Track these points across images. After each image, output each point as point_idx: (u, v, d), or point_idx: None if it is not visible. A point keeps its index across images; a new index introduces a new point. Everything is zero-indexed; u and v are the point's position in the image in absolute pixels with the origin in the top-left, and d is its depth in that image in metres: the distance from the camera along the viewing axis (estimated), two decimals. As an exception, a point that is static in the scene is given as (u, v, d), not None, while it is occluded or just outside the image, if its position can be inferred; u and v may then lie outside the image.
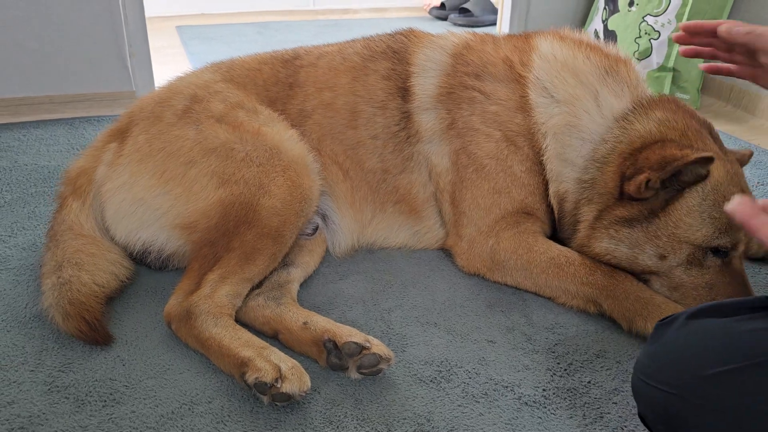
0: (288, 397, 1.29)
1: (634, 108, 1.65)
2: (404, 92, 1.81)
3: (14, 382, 1.38)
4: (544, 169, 1.71)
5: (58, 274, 1.57)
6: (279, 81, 1.90)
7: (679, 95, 3.02)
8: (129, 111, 1.87)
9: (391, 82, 1.83)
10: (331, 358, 1.40)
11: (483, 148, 1.72)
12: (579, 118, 1.66)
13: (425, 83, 1.80)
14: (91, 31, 2.71)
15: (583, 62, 1.70)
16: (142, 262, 1.73)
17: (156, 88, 2.96)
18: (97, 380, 1.39)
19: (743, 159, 1.69)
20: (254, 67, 1.93)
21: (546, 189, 1.72)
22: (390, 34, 1.97)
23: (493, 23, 5.27)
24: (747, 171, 2.25)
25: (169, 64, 3.85)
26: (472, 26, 5.21)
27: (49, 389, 1.36)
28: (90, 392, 1.35)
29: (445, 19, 5.46)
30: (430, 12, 5.64)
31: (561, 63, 1.71)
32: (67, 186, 1.78)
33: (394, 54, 1.87)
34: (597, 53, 1.73)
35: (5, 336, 1.51)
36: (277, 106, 1.86)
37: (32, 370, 1.41)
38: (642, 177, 1.50)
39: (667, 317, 1.13)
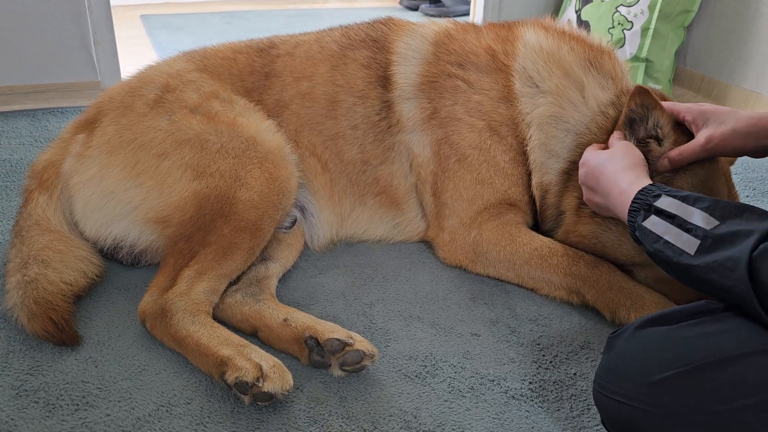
0: (270, 397, 1.25)
1: (618, 99, 1.64)
2: (385, 81, 1.77)
3: (-21, 386, 1.31)
4: (527, 160, 1.68)
5: (24, 272, 1.49)
6: (255, 71, 1.84)
7: (651, 85, 3.03)
8: (98, 101, 1.79)
9: (371, 71, 1.79)
10: (313, 356, 1.36)
11: (466, 138, 1.69)
12: (564, 108, 1.64)
13: (406, 72, 1.76)
14: (54, 17, 2.60)
15: (568, 53, 1.68)
16: (113, 257, 1.66)
17: (123, 79, 2.88)
18: (68, 383, 1.32)
19: (731, 160, 1.68)
20: (229, 56, 1.87)
21: (529, 180, 1.70)
22: (368, 23, 1.92)
23: (465, 13, 5.25)
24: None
25: (134, 54, 3.73)
26: (444, 16, 5.18)
27: (17, 393, 1.29)
28: (61, 396, 1.29)
29: (416, 9, 5.42)
30: (401, 2, 5.60)
31: (547, 53, 1.68)
32: (33, 179, 1.71)
33: (373, 42, 1.83)
34: (581, 44, 1.72)
35: (-32, 338, 1.43)
36: (253, 96, 1.80)
37: (-2, 374, 1.34)
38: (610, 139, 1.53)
39: (617, 329, 1.16)
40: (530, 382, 1.38)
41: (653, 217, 1.17)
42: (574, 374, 1.41)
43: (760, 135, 1.42)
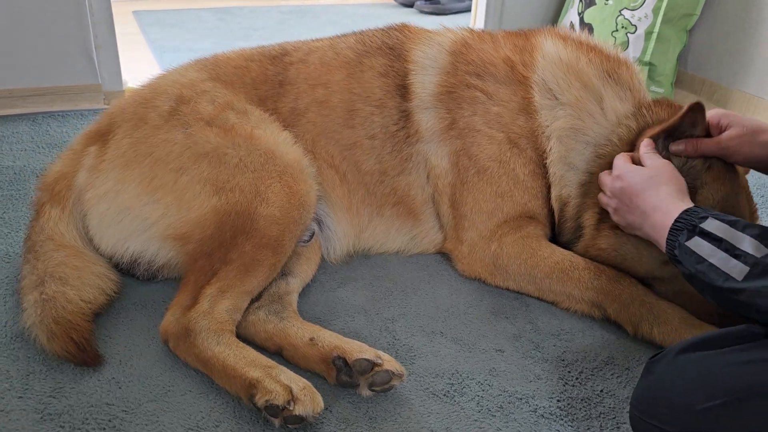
0: (301, 420, 1.24)
1: (636, 111, 1.64)
2: (403, 90, 1.75)
3: (1, 410, 1.28)
4: (546, 173, 1.68)
5: (41, 290, 1.46)
6: (268, 79, 1.82)
7: (653, 89, 3.05)
8: (109, 112, 1.76)
9: (388, 79, 1.77)
10: (342, 376, 1.35)
11: (485, 150, 1.68)
12: (583, 121, 1.64)
13: (424, 81, 1.75)
14: (55, 20, 2.54)
15: (587, 64, 1.68)
16: (129, 273, 1.63)
17: (124, 81, 2.84)
18: (92, 405, 1.30)
19: (747, 171, 1.69)
20: (241, 64, 1.84)
21: (548, 192, 1.70)
22: (383, 29, 1.90)
23: (460, 11, 5.23)
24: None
25: (130, 52, 3.67)
26: (439, 14, 5.15)
27: (41, 417, 1.27)
28: (86, 419, 1.27)
29: (411, 5, 5.38)
30: (395, -1, 5.55)
31: (566, 64, 1.67)
32: (44, 192, 1.67)
33: (390, 50, 1.81)
34: (599, 55, 1.71)
35: (-14, 359, 1.40)
36: (268, 105, 1.78)
37: (20, 397, 1.31)
38: (637, 142, 1.53)
39: (657, 353, 1.16)
40: (558, 400, 1.38)
41: (697, 239, 1.17)
42: (601, 391, 1.41)
43: None
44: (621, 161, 1.51)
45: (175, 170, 1.55)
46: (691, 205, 1.30)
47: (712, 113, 1.53)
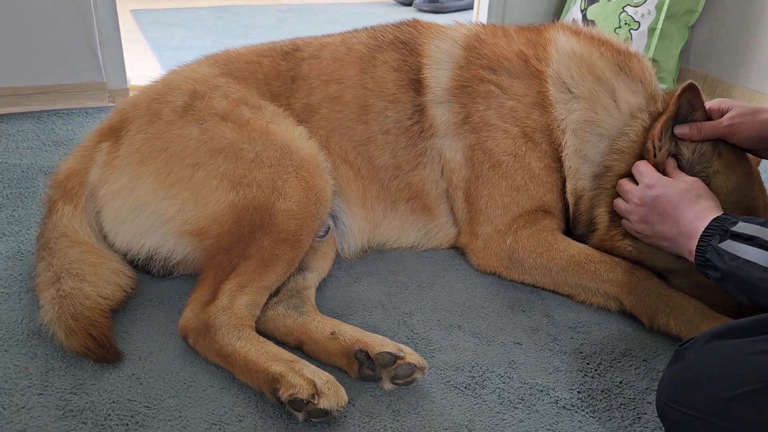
0: (325, 413, 1.24)
1: (648, 103, 1.65)
2: (417, 84, 1.75)
3: (22, 407, 1.27)
4: (561, 166, 1.68)
5: (58, 287, 1.46)
6: (280, 74, 1.81)
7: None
8: (121, 108, 1.75)
9: (402, 74, 1.77)
10: (364, 370, 1.35)
11: (500, 144, 1.69)
12: (597, 113, 1.65)
13: (438, 76, 1.75)
14: (59, 17, 2.52)
15: (599, 58, 1.68)
16: (144, 269, 1.63)
17: (128, 79, 2.82)
18: (114, 402, 1.29)
19: (758, 161, 1.71)
20: (253, 59, 1.83)
21: (563, 186, 1.70)
22: (394, 25, 1.90)
23: (459, 9, 5.23)
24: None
25: (130, 51, 3.64)
26: (438, 12, 5.16)
27: (63, 414, 1.26)
28: (109, 415, 1.26)
29: (409, 4, 5.39)
30: (394, -3, 5.55)
31: (579, 58, 1.68)
32: (56, 189, 1.66)
33: (403, 45, 1.81)
34: (610, 48, 1.72)
35: (4, 356, 1.39)
36: (281, 100, 1.77)
37: (40, 394, 1.30)
38: (648, 145, 1.55)
39: (685, 341, 1.16)
40: (578, 392, 1.38)
41: (730, 241, 1.20)
42: (620, 382, 1.41)
43: None
44: (649, 169, 1.52)
45: (191, 165, 1.55)
46: (721, 213, 1.32)
47: (713, 102, 1.57)
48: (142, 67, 3.52)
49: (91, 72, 2.66)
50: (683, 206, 1.40)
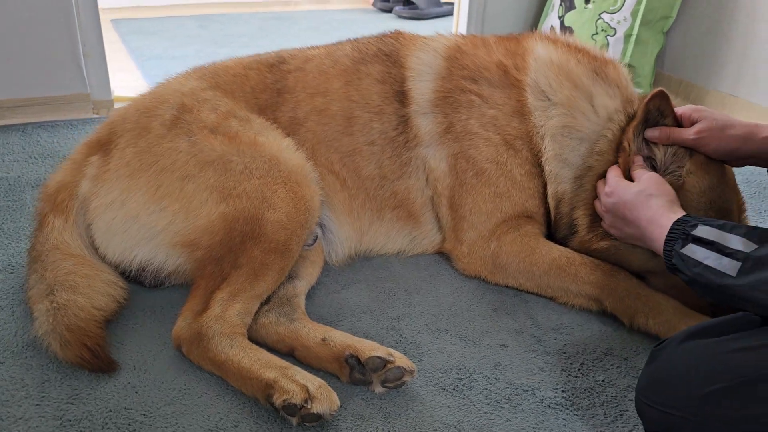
0: (318, 418, 1.28)
1: (625, 106, 1.71)
2: (401, 96, 1.80)
3: (20, 418, 1.29)
4: (542, 172, 1.74)
5: (51, 299, 1.48)
6: (267, 87, 1.85)
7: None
8: (109, 121, 1.77)
9: (386, 85, 1.81)
10: (355, 374, 1.39)
11: (482, 152, 1.74)
12: (576, 118, 1.70)
13: (422, 87, 1.80)
14: (43, 30, 2.54)
15: (576, 65, 1.74)
16: (136, 281, 1.65)
17: (112, 91, 2.84)
18: (110, 410, 1.32)
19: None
20: (240, 72, 1.87)
21: (544, 191, 1.76)
22: (377, 37, 1.94)
23: (438, 16, 5.30)
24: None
25: (110, 61, 3.65)
26: (417, 19, 5.22)
27: (60, 424, 1.28)
28: (106, 424, 1.29)
29: (389, 11, 5.44)
30: (374, 4, 5.62)
31: (557, 66, 1.74)
32: (46, 202, 1.68)
33: (386, 57, 1.85)
34: (586, 55, 1.78)
35: (0, 368, 1.41)
36: (267, 113, 1.81)
37: (37, 404, 1.33)
38: (624, 144, 1.61)
39: (661, 341, 1.22)
40: (563, 391, 1.43)
41: (691, 245, 1.24)
42: (603, 381, 1.47)
43: (747, 141, 1.51)
44: (612, 176, 1.59)
45: (181, 178, 1.58)
46: (682, 214, 1.37)
47: (685, 108, 1.61)
48: (125, 77, 3.53)
49: (76, 84, 2.67)
50: (638, 209, 1.45)
